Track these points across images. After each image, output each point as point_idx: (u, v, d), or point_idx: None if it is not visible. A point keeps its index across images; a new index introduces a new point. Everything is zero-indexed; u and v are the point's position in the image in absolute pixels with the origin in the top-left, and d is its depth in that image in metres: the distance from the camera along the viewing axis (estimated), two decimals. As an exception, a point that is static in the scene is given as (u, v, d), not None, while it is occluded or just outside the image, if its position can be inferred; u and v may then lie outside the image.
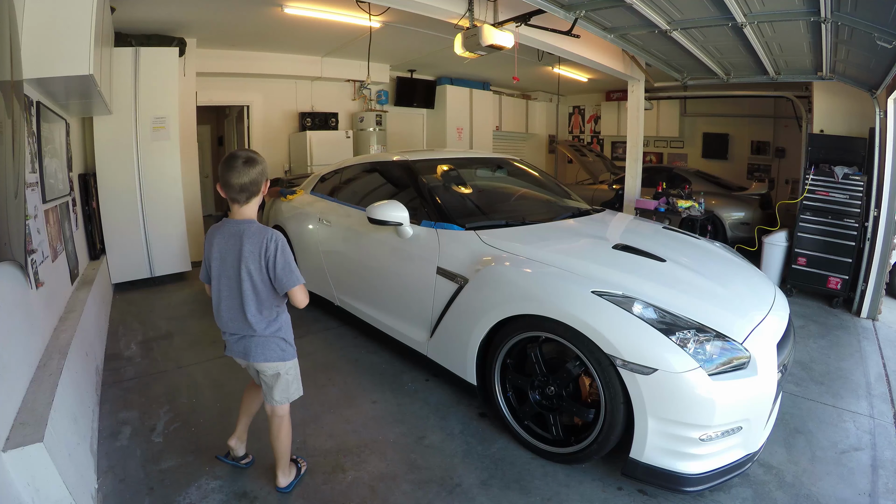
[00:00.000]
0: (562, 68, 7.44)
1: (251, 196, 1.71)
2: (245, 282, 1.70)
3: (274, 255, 1.68)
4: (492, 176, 4.02)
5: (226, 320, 1.79)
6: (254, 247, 1.68)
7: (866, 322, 4.21)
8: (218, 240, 1.74)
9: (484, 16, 3.86)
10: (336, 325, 3.86)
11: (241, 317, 1.75)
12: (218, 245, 1.74)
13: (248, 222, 1.72)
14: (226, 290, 1.75)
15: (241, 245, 1.69)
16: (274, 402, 1.88)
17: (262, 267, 1.69)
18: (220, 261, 1.74)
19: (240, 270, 1.70)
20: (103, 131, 4.52)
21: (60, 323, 2.62)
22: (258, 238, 1.69)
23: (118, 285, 4.77)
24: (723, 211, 6.37)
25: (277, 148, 7.33)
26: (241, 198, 1.69)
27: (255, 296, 1.73)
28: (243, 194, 1.69)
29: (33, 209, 2.40)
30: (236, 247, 1.70)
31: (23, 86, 2.28)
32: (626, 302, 2.01)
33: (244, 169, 1.65)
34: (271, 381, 1.85)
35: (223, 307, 1.77)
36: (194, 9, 4.52)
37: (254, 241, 1.69)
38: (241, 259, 1.69)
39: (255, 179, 1.68)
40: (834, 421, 2.64)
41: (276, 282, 1.71)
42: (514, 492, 2.05)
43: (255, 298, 1.73)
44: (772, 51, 4.16)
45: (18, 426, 1.60)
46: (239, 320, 1.76)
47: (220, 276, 1.76)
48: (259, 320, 1.75)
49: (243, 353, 1.82)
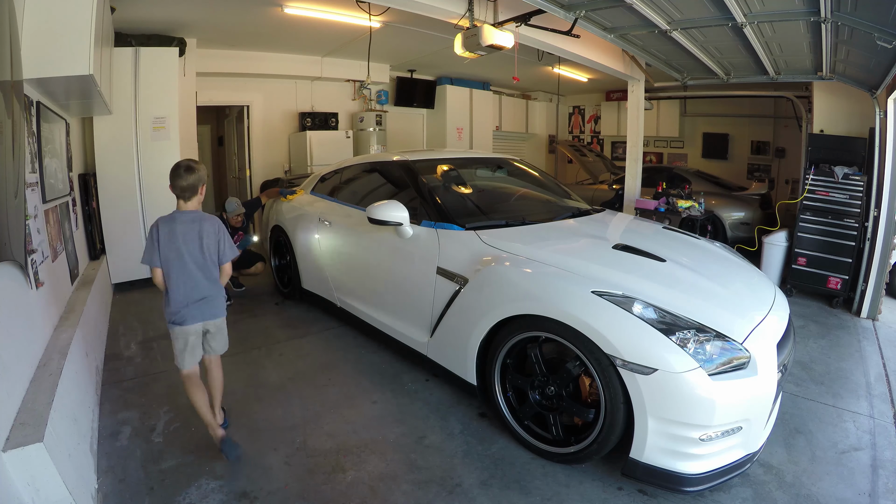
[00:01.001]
0: (562, 68, 7.44)
1: (193, 194, 2.19)
2: (207, 255, 2.20)
3: (224, 234, 2.24)
4: (492, 176, 4.03)
5: (187, 290, 2.17)
6: (211, 228, 2.20)
7: (866, 322, 4.21)
8: (178, 227, 2.16)
9: (484, 16, 3.86)
10: (336, 325, 3.86)
11: (203, 282, 2.20)
12: (180, 231, 2.16)
13: (199, 212, 2.23)
14: (190, 263, 2.17)
15: (202, 228, 2.17)
16: (218, 351, 2.34)
17: (216, 242, 2.21)
18: (183, 242, 2.15)
19: (202, 247, 2.18)
20: (103, 131, 4.53)
21: (60, 323, 2.62)
22: (213, 222, 2.23)
23: (118, 285, 4.77)
24: (723, 211, 6.37)
25: (277, 148, 7.33)
26: (186, 195, 2.18)
27: (211, 265, 2.23)
28: (187, 192, 2.18)
29: (33, 209, 2.40)
30: (196, 230, 2.17)
31: (23, 86, 2.28)
32: (626, 302, 2.01)
33: (185, 175, 2.15)
34: (218, 332, 2.30)
35: (183, 280, 2.16)
36: (194, 9, 4.52)
37: (210, 224, 2.21)
38: (202, 238, 2.17)
39: (194, 182, 2.18)
40: (834, 421, 2.64)
41: (222, 254, 2.24)
42: (514, 492, 2.05)
43: (211, 267, 2.22)
44: (772, 51, 4.16)
45: (18, 426, 1.60)
46: (201, 286, 2.20)
47: (181, 254, 2.15)
48: (214, 282, 2.25)
49: (202, 315, 2.21)
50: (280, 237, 4.37)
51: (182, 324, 2.18)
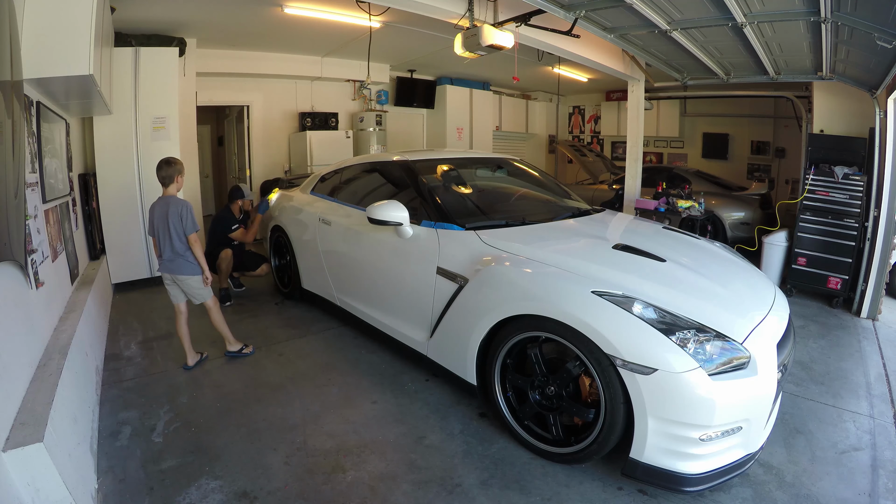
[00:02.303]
0: (562, 68, 7.44)
1: (170, 182, 3.03)
2: (173, 228, 2.97)
3: (186, 214, 2.98)
4: (492, 176, 4.02)
5: (163, 249, 3.04)
6: (175, 209, 2.97)
7: (866, 322, 4.21)
8: (158, 207, 3.02)
9: (484, 16, 3.86)
10: (336, 325, 3.86)
11: (170, 246, 3.00)
12: (158, 209, 3.01)
13: (172, 197, 3.04)
14: (162, 233, 3.00)
15: (170, 209, 2.97)
16: (196, 301, 3.15)
17: (179, 220, 2.97)
18: (161, 217, 2.99)
19: (170, 222, 2.97)
20: (103, 131, 4.53)
21: (60, 323, 2.62)
22: (178, 204, 2.99)
23: (118, 285, 4.77)
24: (723, 211, 6.36)
25: (277, 148, 7.34)
26: (166, 182, 3.03)
27: (177, 235, 2.98)
28: (166, 180, 3.02)
29: (33, 209, 2.40)
30: (165, 209, 2.98)
31: (23, 86, 2.28)
32: (626, 302, 2.01)
33: (165, 167, 3.01)
34: (190, 288, 3.11)
35: (162, 243, 3.02)
36: (194, 9, 4.52)
37: (175, 206, 2.98)
38: (169, 216, 2.96)
39: (170, 173, 3.01)
40: (834, 421, 2.64)
41: (185, 227, 2.98)
42: (514, 492, 2.05)
43: (177, 236, 2.99)
44: (772, 51, 4.16)
45: (18, 426, 1.61)
46: (169, 249, 3.01)
47: (159, 227, 3.01)
48: (179, 247, 3.01)
49: (168, 270, 3.06)
50: (280, 237, 4.37)
51: (161, 272, 3.12)
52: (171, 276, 3.07)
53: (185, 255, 3.02)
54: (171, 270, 3.05)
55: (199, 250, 3.04)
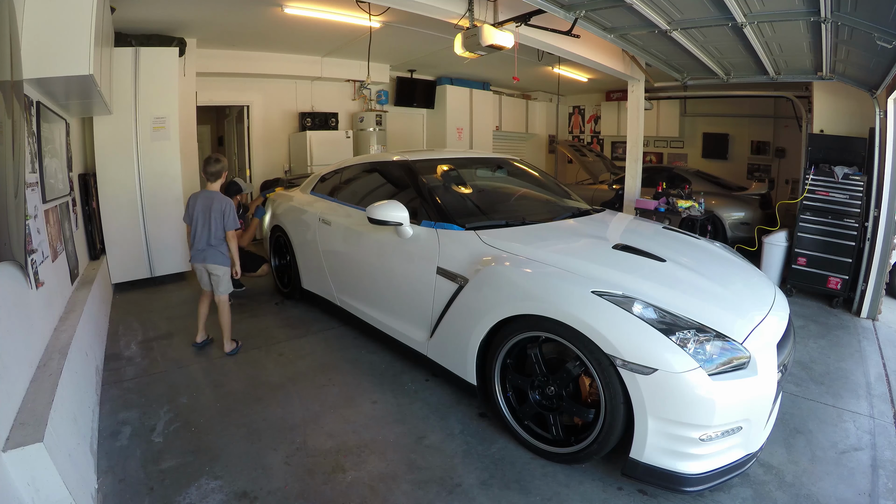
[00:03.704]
0: (562, 68, 7.44)
1: (217, 178, 3.29)
2: (213, 221, 3.21)
3: (229, 211, 3.23)
4: (492, 176, 4.02)
5: (199, 239, 3.24)
6: (218, 205, 3.22)
7: (866, 322, 4.21)
8: (201, 199, 3.25)
9: (484, 16, 3.86)
10: (336, 325, 3.86)
11: (207, 238, 3.24)
12: (201, 202, 3.24)
13: (217, 193, 3.29)
14: (201, 224, 3.23)
15: (213, 203, 3.22)
16: (220, 293, 3.36)
17: (221, 215, 3.21)
18: (203, 210, 3.22)
19: (211, 216, 3.21)
20: (103, 131, 4.53)
21: (60, 323, 2.62)
22: (222, 201, 3.24)
23: (118, 285, 4.77)
24: (723, 211, 6.36)
25: (277, 148, 7.33)
26: (212, 179, 3.28)
27: (216, 228, 3.23)
28: (212, 177, 3.28)
29: (33, 209, 2.40)
30: (209, 203, 3.22)
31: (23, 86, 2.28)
32: (626, 302, 2.01)
33: (214, 164, 3.26)
34: (217, 278, 3.32)
35: (199, 233, 3.24)
36: (194, 9, 4.51)
37: (219, 202, 3.23)
38: (212, 210, 3.21)
39: (219, 169, 3.28)
40: (834, 421, 2.64)
41: (226, 223, 3.24)
42: (514, 492, 2.05)
43: (216, 229, 3.23)
44: (772, 51, 4.16)
45: (18, 426, 1.60)
46: (205, 240, 3.24)
47: (198, 217, 3.23)
48: (215, 240, 3.24)
49: (203, 259, 3.27)
50: (280, 237, 4.37)
51: (193, 261, 3.33)
52: (202, 266, 3.30)
53: (219, 247, 3.26)
54: (203, 259, 3.27)
55: (236, 245, 3.30)
